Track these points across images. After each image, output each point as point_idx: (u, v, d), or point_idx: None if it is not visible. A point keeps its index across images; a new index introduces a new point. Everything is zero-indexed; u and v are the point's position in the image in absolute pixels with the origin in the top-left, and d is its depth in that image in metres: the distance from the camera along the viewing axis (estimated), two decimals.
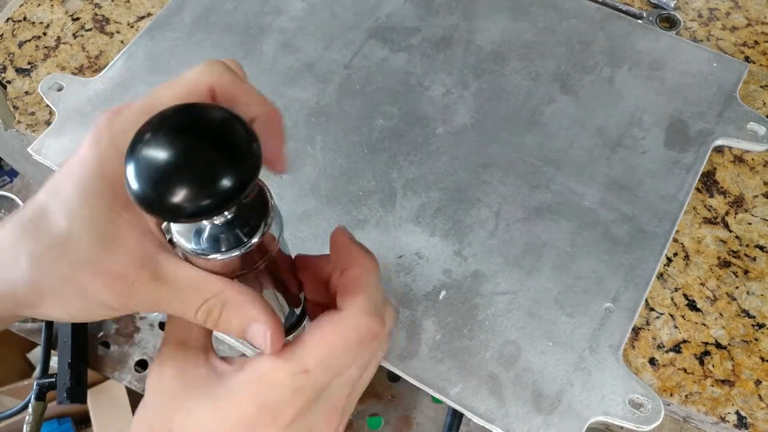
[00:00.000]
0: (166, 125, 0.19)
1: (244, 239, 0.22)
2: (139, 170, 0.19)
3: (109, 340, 0.57)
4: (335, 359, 0.23)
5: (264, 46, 0.52)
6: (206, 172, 0.19)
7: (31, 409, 0.56)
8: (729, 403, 0.39)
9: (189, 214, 0.19)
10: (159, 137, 0.19)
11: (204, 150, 0.19)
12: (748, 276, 0.43)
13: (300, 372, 0.22)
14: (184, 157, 0.19)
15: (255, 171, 0.20)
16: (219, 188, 0.19)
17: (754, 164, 0.48)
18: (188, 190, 0.18)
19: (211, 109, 0.20)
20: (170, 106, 0.20)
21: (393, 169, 0.46)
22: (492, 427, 0.37)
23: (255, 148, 0.20)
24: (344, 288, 0.24)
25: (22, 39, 0.55)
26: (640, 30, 0.52)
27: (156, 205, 0.19)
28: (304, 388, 0.22)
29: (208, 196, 0.19)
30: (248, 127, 0.20)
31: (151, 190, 0.19)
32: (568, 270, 0.42)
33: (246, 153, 0.20)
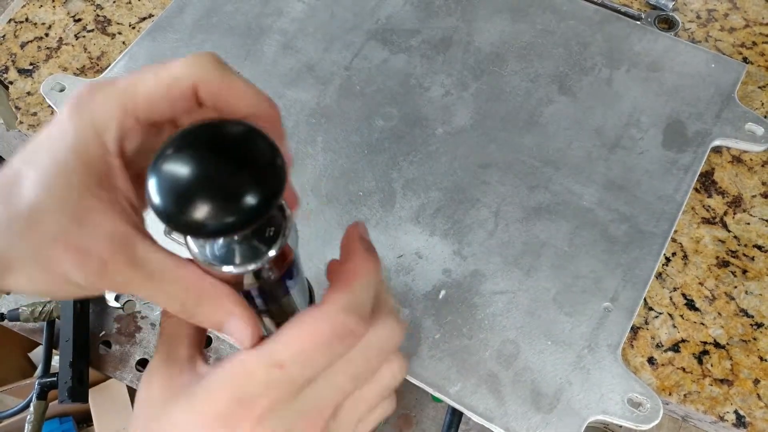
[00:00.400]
0: (190, 141, 0.19)
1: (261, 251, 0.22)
2: (162, 185, 0.19)
3: (111, 340, 0.57)
4: (308, 354, 0.22)
5: (265, 47, 0.52)
6: (231, 188, 0.19)
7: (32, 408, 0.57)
8: (727, 402, 0.40)
9: (212, 232, 0.19)
10: (182, 153, 0.19)
11: (228, 166, 0.19)
12: (746, 276, 0.43)
13: (273, 365, 0.22)
14: (208, 174, 0.19)
15: (280, 186, 0.19)
16: (243, 206, 0.18)
17: (753, 164, 0.48)
18: (212, 207, 0.18)
19: (234, 125, 0.20)
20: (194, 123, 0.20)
21: (393, 170, 0.46)
22: (491, 425, 0.37)
23: (279, 162, 0.20)
24: (332, 282, 0.24)
25: (24, 40, 0.55)
26: (638, 31, 0.52)
27: (179, 221, 0.19)
28: (277, 382, 0.22)
29: (232, 213, 0.18)
30: (272, 142, 0.20)
31: (173, 206, 0.19)
32: (567, 269, 0.42)
33: (270, 169, 0.19)
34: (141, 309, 0.59)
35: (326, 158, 0.47)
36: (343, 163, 0.46)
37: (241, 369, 0.22)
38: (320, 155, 0.47)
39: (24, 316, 0.56)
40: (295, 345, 0.22)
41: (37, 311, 0.57)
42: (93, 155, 0.22)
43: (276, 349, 0.22)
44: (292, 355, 0.22)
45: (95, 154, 0.22)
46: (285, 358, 0.22)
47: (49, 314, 0.57)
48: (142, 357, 0.57)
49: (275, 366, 0.22)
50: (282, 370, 0.22)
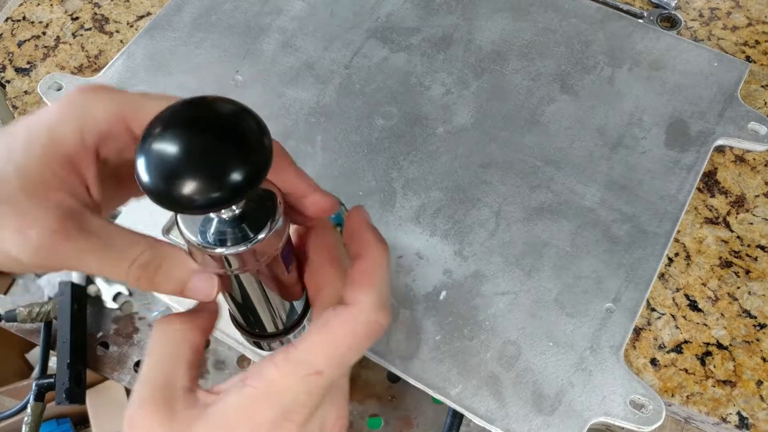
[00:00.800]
0: (177, 118, 0.20)
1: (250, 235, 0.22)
2: (150, 162, 0.19)
3: (108, 341, 0.57)
4: (346, 356, 0.22)
5: (264, 46, 0.52)
6: (217, 164, 0.19)
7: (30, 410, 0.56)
8: (730, 404, 0.39)
9: (198, 206, 0.19)
10: (169, 130, 0.19)
11: (214, 142, 0.19)
12: (749, 276, 0.43)
13: (312, 373, 0.22)
14: (194, 150, 0.19)
15: (267, 163, 0.20)
16: (229, 181, 0.19)
17: (756, 164, 0.47)
18: (198, 181, 0.19)
19: (221, 103, 0.20)
20: (180, 100, 0.20)
21: (393, 169, 0.46)
22: (492, 427, 0.37)
23: (266, 141, 0.20)
24: (353, 281, 0.24)
25: (22, 38, 0.55)
26: (640, 30, 0.52)
27: (166, 196, 0.19)
28: (317, 387, 0.22)
29: (219, 188, 0.19)
30: (259, 120, 0.20)
31: (161, 182, 0.19)
32: (569, 270, 0.41)
33: (257, 146, 0.20)
34: (138, 310, 0.59)
35: (326, 157, 0.46)
36: (343, 163, 0.46)
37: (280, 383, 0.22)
38: (320, 154, 0.46)
39: (21, 317, 0.56)
40: (333, 350, 0.22)
41: (34, 312, 0.56)
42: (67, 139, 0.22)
43: (311, 356, 0.22)
44: (328, 360, 0.22)
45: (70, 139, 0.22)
46: (323, 364, 0.22)
47: (47, 315, 0.56)
48: (140, 358, 0.57)
49: (314, 374, 0.22)
50: (321, 377, 0.22)
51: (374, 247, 0.24)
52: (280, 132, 0.48)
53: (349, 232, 0.25)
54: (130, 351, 0.57)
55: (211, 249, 0.22)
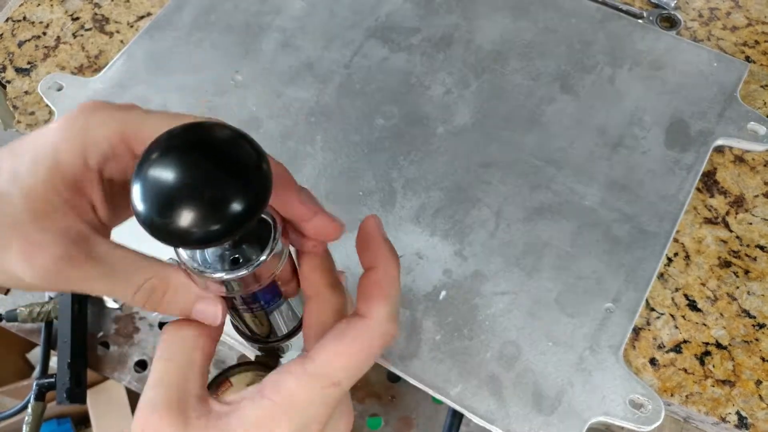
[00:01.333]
0: (174, 146, 0.19)
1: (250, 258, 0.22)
2: (146, 192, 0.18)
3: (109, 341, 0.57)
4: (362, 367, 0.23)
5: (263, 45, 0.52)
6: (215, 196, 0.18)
7: (30, 410, 0.56)
8: (730, 404, 0.39)
9: (197, 241, 0.18)
10: (166, 158, 0.18)
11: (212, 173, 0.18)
12: (748, 276, 0.43)
13: (330, 385, 0.22)
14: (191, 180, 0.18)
15: (267, 192, 0.19)
16: (229, 213, 0.18)
17: (755, 164, 0.47)
18: (196, 215, 0.18)
19: (219, 129, 0.20)
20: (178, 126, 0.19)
21: (393, 169, 0.46)
22: (492, 427, 0.37)
23: (265, 167, 0.19)
24: (368, 292, 0.24)
25: (22, 39, 0.55)
26: (640, 30, 0.52)
27: (163, 231, 0.18)
28: (334, 399, 0.22)
29: (218, 221, 0.18)
30: (257, 146, 0.20)
31: (157, 215, 0.18)
32: (569, 270, 0.41)
33: (256, 175, 0.19)
34: (139, 310, 0.59)
35: (326, 157, 0.46)
36: (343, 163, 0.46)
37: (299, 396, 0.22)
38: (319, 154, 0.46)
39: (22, 317, 0.56)
40: (349, 362, 0.22)
41: (35, 312, 0.56)
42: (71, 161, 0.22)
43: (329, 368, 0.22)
44: (346, 372, 0.22)
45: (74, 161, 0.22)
46: (340, 376, 0.22)
47: (47, 315, 0.56)
48: (140, 358, 0.57)
49: (331, 386, 0.22)
50: (338, 388, 0.22)
51: (387, 258, 0.24)
52: (280, 132, 0.48)
53: (363, 242, 0.25)
54: (130, 351, 0.57)
55: (209, 274, 0.21)
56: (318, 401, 0.22)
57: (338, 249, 0.30)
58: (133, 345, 0.57)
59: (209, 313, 0.23)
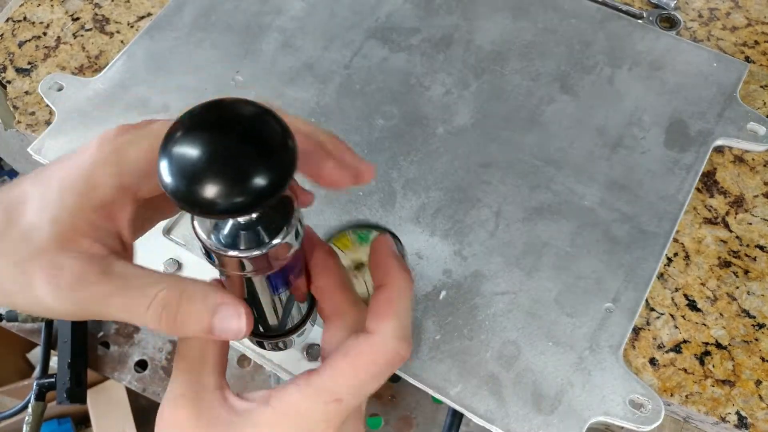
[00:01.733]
0: (199, 121, 0.19)
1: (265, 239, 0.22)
2: (172, 164, 0.19)
3: (109, 340, 0.57)
4: (367, 385, 0.23)
5: (264, 45, 0.52)
6: (241, 168, 0.18)
7: (30, 409, 0.56)
8: (729, 404, 0.39)
9: (221, 210, 0.19)
10: (192, 133, 0.19)
11: (239, 146, 0.19)
12: (748, 276, 0.43)
13: (331, 401, 0.22)
14: (218, 153, 0.19)
15: (291, 168, 0.19)
16: (253, 186, 0.18)
17: (755, 164, 0.48)
18: (222, 185, 0.18)
19: (243, 105, 0.20)
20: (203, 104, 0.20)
21: (393, 169, 0.46)
22: (492, 427, 0.37)
23: (290, 144, 0.20)
24: (376, 309, 0.24)
25: (22, 39, 0.55)
26: (640, 30, 0.52)
27: (189, 200, 0.19)
28: (337, 416, 0.22)
29: (242, 193, 0.18)
30: (282, 122, 0.20)
31: (183, 184, 0.18)
32: (568, 270, 0.42)
33: (281, 149, 0.19)
34: None
35: None
36: None
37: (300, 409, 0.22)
38: None
39: (22, 317, 0.56)
40: (354, 378, 0.23)
41: None
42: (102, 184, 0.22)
43: (333, 383, 0.22)
44: (349, 389, 0.22)
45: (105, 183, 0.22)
46: (343, 392, 0.22)
47: None
48: (140, 358, 0.57)
49: (334, 401, 0.22)
50: (341, 404, 0.22)
51: (398, 277, 0.25)
52: None
53: (375, 261, 0.25)
54: (130, 351, 0.57)
55: (224, 251, 0.22)
56: (319, 416, 0.22)
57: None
58: (133, 345, 0.57)
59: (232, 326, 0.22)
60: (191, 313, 0.22)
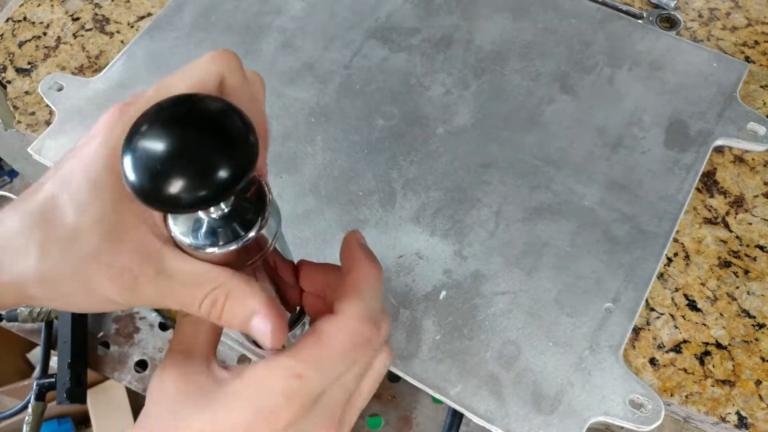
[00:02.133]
0: (163, 116, 0.19)
1: (241, 233, 0.22)
2: (136, 161, 0.19)
3: (109, 341, 0.57)
4: (329, 364, 0.23)
5: (264, 45, 0.52)
6: (203, 162, 0.19)
7: (30, 409, 0.56)
8: (729, 404, 0.39)
9: (186, 205, 0.19)
10: (155, 128, 0.19)
11: (201, 140, 0.19)
12: (748, 276, 0.43)
13: (293, 376, 0.22)
14: (180, 148, 0.19)
15: (252, 161, 0.20)
16: (216, 179, 0.19)
17: (755, 164, 0.48)
18: (185, 180, 0.18)
19: (208, 100, 0.20)
20: (167, 98, 0.20)
21: (393, 169, 0.46)
22: (492, 427, 0.37)
23: (252, 139, 0.20)
24: (342, 292, 0.25)
25: (22, 39, 0.55)
26: (640, 30, 0.52)
27: (152, 197, 0.19)
28: (298, 394, 0.22)
29: (206, 186, 0.19)
30: (245, 117, 0.20)
31: (147, 182, 0.19)
32: (568, 270, 0.42)
33: (243, 143, 0.20)
34: (139, 310, 0.59)
35: (326, 158, 0.46)
36: (343, 163, 0.46)
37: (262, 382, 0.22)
38: (320, 154, 0.47)
39: (22, 317, 0.56)
40: (316, 355, 0.23)
41: (35, 312, 0.56)
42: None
43: (295, 360, 0.23)
44: (311, 366, 0.22)
45: None
46: (304, 369, 0.22)
47: (48, 315, 0.57)
48: (140, 358, 0.57)
49: (294, 377, 0.22)
50: (301, 381, 0.22)
51: (363, 264, 0.25)
52: (280, 132, 0.48)
53: (343, 252, 0.26)
54: (130, 351, 0.57)
55: (201, 249, 0.22)
56: (279, 388, 0.22)
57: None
58: (133, 345, 0.57)
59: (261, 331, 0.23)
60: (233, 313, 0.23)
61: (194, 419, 0.23)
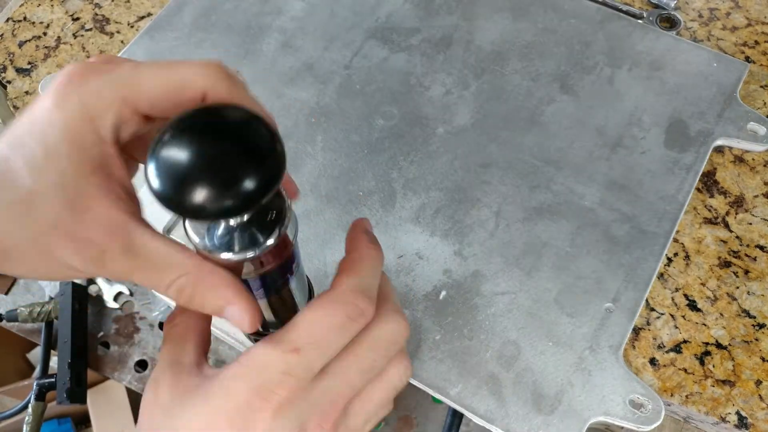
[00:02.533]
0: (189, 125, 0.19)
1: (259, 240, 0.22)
2: (161, 169, 0.19)
3: (109, 341, 0.57)
4: (323, 336, 0.22)
5: (264, 46, 0.52)
6: (230, 172, 0.19)
7: (30, 410, 0.56)
8: (729, 404, 0.39)
9: (210, 214, 0.19)
10: (181, 137, 0.19)
11: (227, 150, 0.19)
12: (748, 276, 0.43)
13: (289, 350, 0.22)
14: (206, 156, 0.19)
15: (279, 172, 0.20)
16: (242, 189, 0.19)
17: (755, 164, 0.48)
18: (211, 189, 0.18)
19: (233, 110, 0.20)
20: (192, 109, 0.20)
21: (393, 169, 0.46)
22: (492, 427, 0.37)
23: (279, 149, 0.20)
24: (340, 270, 0.24)
25: (23, 39, 0.55)
26: (640, 30, 0.52)
27: (177, 203, 0.19)
28: (295, 368, 0.22)
29: (232, 196, 0.19)
30: (271, 128, 0.20)
31: (172, 188, 0.19)
32: (568, 270, 0.42)
33: (269, 153, 0.20)
34: (139, 310, 0.59)
35: (326, 158, 0.46)
36: (343, 163, 0.46)
37: (258, 358, 0.22)
38: (320, 155, 0.47)
39: (22, 317, 0.56)
40: (309, 328, 0.22)
41: (35, 312, 0.56)
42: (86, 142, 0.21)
43: (291, 334, 0.22)
44: (307, 338, 0.22)
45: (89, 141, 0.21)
46: (300, 342, 0.22)
47: (48, 315, 0.57)
48: (140, 358, 0.57)
49: (291, 351, 0.22)
50: (299, 355, 0.22)
51: (363, 245, 0.25)
52: (280, 132, 0.48)
53: (348, 236, 0.26)
54: (130, 351, 0.57)
55: (217, 254, 0.22)
56: (276, 365, 0.22)
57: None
58: (133, 345, 0.57)
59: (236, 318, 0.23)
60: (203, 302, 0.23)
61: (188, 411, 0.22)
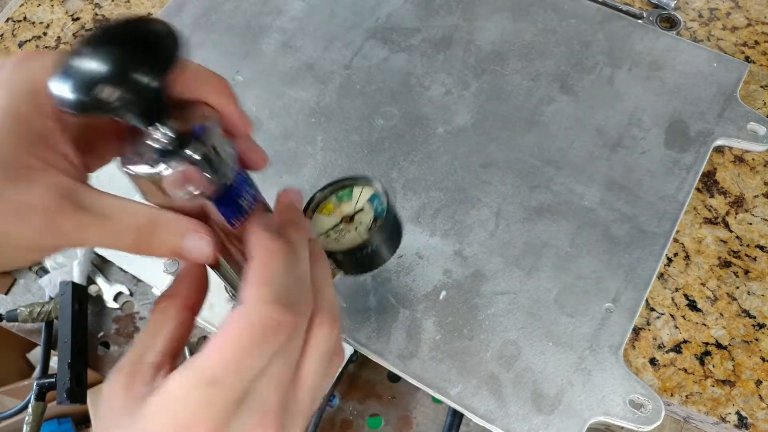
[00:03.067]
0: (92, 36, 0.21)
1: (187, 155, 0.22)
2: (63, 74, 0.20)
3: (109, 341, 0.57)
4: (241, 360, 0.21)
5: (264, 46, 0.52)
6: (121, 65, 0.20)
7: (30, 410, 0.56)
8: (729, 404, 0.39)
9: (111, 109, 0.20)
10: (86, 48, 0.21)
11: (121, 48, 0.21)
12: (748, 276, 0.43)
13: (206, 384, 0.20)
14: (102, 56, 0.20)
15: (169, 61, 0.21)
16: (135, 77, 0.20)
17: (755, 164, 0.48)
18: (107, 82, 0.20)
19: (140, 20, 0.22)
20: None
21: (393, 169, 0.46)
22: (492, 427, 0.37)
23: (170, 42, 0.21)
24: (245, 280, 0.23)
25: (23, 39, 0.55)
26: (640, 30, 0.52)
27: (79, 101, 0.20)
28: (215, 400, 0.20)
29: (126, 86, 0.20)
30: (162, 23, 0.22)
31: (74, 87, 0.20)
32: (568, 270, 0.42)
33: (160, 47, 0.21)
34: (139, 310, 0.59)
35: (326, 157, 0.46)
36: (343, 163, 0.46)
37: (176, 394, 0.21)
38: (320, 154, 0.47)
39: (22, 317, 0.56)
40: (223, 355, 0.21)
41: (35, 312, 0.56)
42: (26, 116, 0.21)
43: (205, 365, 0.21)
44: (222, 368, 0.20)
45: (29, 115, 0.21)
46: (216, 373, 0.20)
47: (48, 315, 0.57)
48: None
49: (208, 384, 0.20)
50: (217, 387, 0.20)
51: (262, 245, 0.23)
52: (281, 132, 0.48)
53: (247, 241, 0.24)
54: None
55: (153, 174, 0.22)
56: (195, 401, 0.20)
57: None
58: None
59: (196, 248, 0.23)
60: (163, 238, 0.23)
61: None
